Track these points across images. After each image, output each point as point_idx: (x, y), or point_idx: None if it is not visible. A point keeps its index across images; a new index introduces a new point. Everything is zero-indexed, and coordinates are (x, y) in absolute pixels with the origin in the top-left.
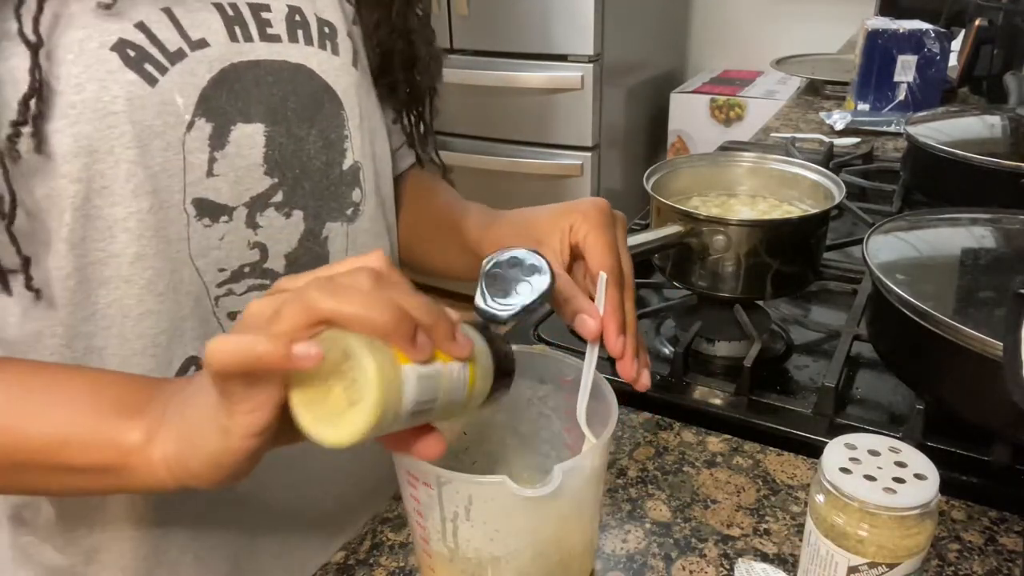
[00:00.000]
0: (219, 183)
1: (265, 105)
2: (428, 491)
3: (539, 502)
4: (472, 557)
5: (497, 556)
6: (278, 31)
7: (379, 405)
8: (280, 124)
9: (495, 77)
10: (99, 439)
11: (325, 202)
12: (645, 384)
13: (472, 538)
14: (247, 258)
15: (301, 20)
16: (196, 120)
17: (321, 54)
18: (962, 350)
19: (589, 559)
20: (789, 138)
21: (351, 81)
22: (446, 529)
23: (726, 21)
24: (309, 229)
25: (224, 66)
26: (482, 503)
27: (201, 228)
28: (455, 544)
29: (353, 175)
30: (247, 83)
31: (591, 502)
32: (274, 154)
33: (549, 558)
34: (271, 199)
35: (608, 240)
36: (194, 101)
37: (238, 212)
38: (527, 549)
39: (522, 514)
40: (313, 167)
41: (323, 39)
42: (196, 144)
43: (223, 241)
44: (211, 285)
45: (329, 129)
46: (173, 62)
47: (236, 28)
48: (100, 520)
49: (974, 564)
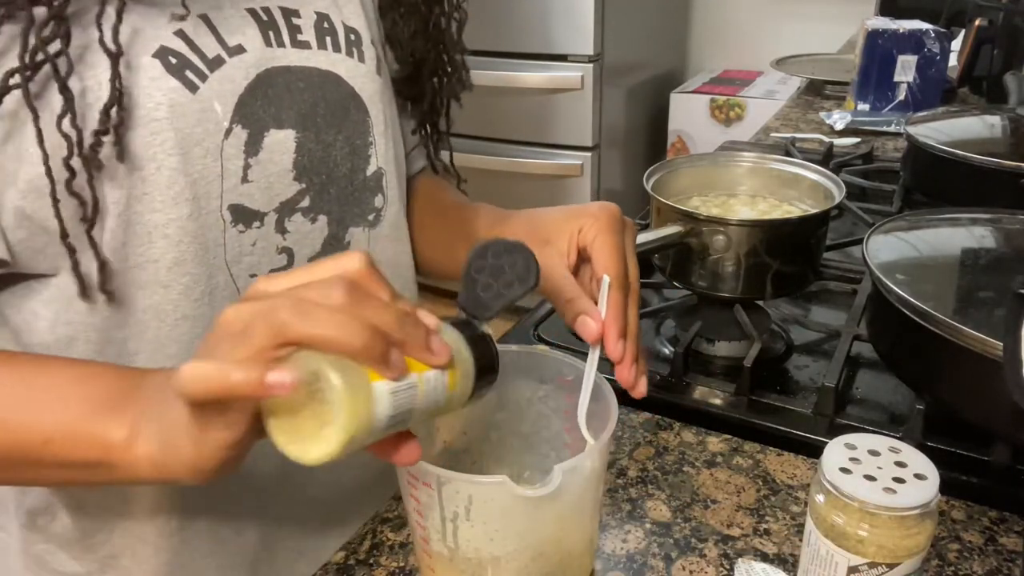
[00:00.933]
0: (252, 189)
1: (296, 111)
2: (428, 491)
3: (539, 502)
4: (472, 557)
5: (497, 556)
6: (307, 37)
7: (349, 426)
8: (310, 130)
9: (495, 77)
10: (85, 435)
11: (349, 207)
12: (641, 392)
13: (472, 538)
14: (275, 263)
15: (329, 27)
16: (233, 127)
17: (348, 61)
18: (962, 350)
19: (589, 559)
20: (789, 138)
21: (376, 88)
22: (446, 529)
23: (726, 21)
24: (333, 234)
25: (260, 72)
26: (482, 503)
27: (236, 234)
28: (455, 544)
29: (376, 181)
30: (279, 89)
31: (591, 502)
32: (303, 160)
33: (549, 558)
34: (299, 204)
35: (616, 244)
36: (232, 108)
37: (269, 218)
38: (527, 549)
39: (522, 514)
40: (339, 173)
41: (350, 46)
42: (233, 151)
43: (255, 247)
44: (243, 290)
45: (355, 135)
46: (212, 69)
47: (270, 33)
48: (120, 526)
49: (974, 564)
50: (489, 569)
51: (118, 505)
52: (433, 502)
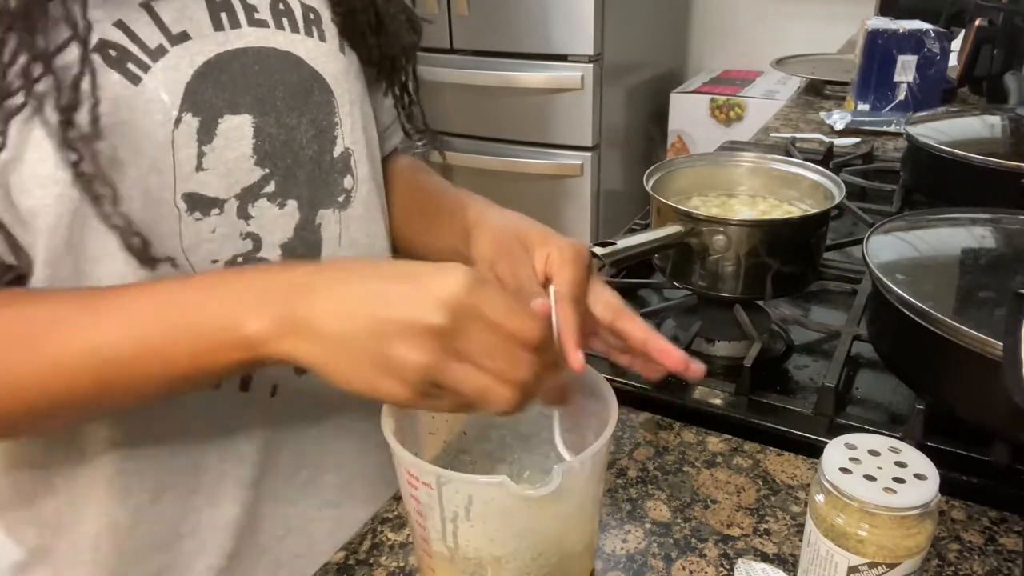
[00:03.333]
0: (209, 177)
1: (253, 95)
2: (428, 491)
3: (539, 502)
4: (472, 557)
5: (497, 556)
6: (265, 16)
7: None
8: (269, 114)
9: (495, 77)
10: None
11: (318, 190)
12: (697, 370)
13: (472, 538)
14: (240, 248)
15: (285, 8)
16: (183, 115)
17: (308, 41)
18: (962, 350)
19: (589, 559)
20: (789, 138)
21: (340, 67)
22: (446, 529)
23: (726, 21)
24: (304, 217)
25: (208, 58)
26: (482, 503)
27: (192, 222)
28: (455, 544)
29: (344, 162)
30: (233, 74)
31: (591, 502)
32: (263, 144)
33: (549, 558)
34: (263, 190)
35: (577, 277)
36: (180, 96)
37: (229, 204)
38: (527, 549)
39: (522, 514)
40: (305, 156)
41: (309, 25)
42: (184, 139)
43: (215, 234)
44: None
45: (320, 117)
46: (155, 59)
47: (222, 15)
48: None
49: (974, 564)
50: (489, 569)
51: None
52: (433, 502)
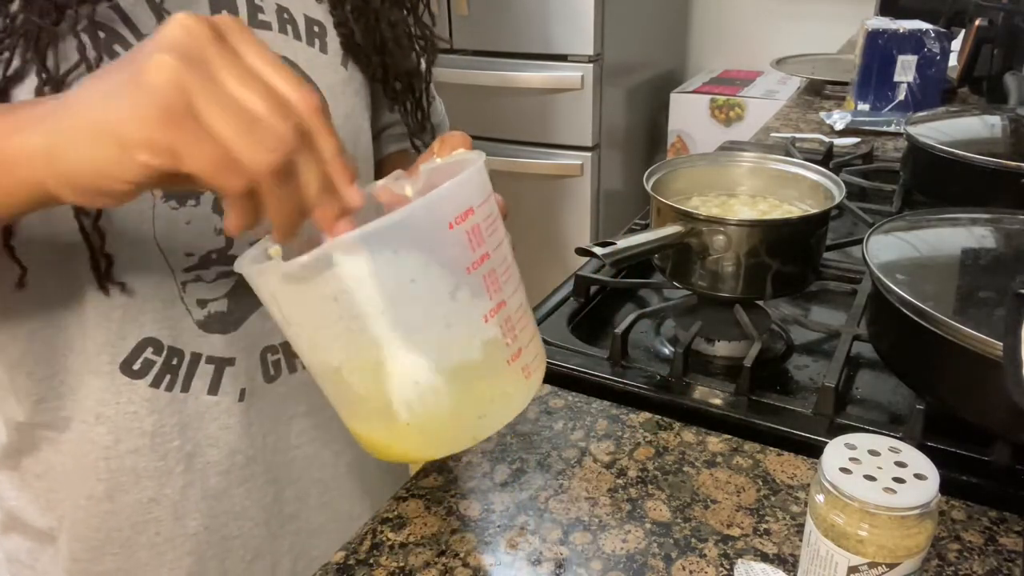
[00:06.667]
0: None
1: None
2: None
3: (317, 282)
4: (318, 372)
5: (336, 365)
6: (269, 19)
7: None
8: None
9: (495, 77)
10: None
11: None
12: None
13: (301, 349)
14: (213, 244)
15: (289, 18)
16: None
17: (309, 50)
18: (962, 350)
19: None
20: (789, 138)
21: (337, 80)
22: (297, 345)
23: (726, 21)
24: None
25: None
26: (282, 295)
27: (167, 210)
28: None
29: None
30: None
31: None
32: None
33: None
34: None
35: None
36: None
37: (205, 197)
38: (342, 353)
39: (313, 303)
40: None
41: (311, 36)
42: None
43: (189, 225)
44: (177, 269)
45: None
46: None
47: (224, 13)
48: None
49: (974, 564)
50: (327, 383)
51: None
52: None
